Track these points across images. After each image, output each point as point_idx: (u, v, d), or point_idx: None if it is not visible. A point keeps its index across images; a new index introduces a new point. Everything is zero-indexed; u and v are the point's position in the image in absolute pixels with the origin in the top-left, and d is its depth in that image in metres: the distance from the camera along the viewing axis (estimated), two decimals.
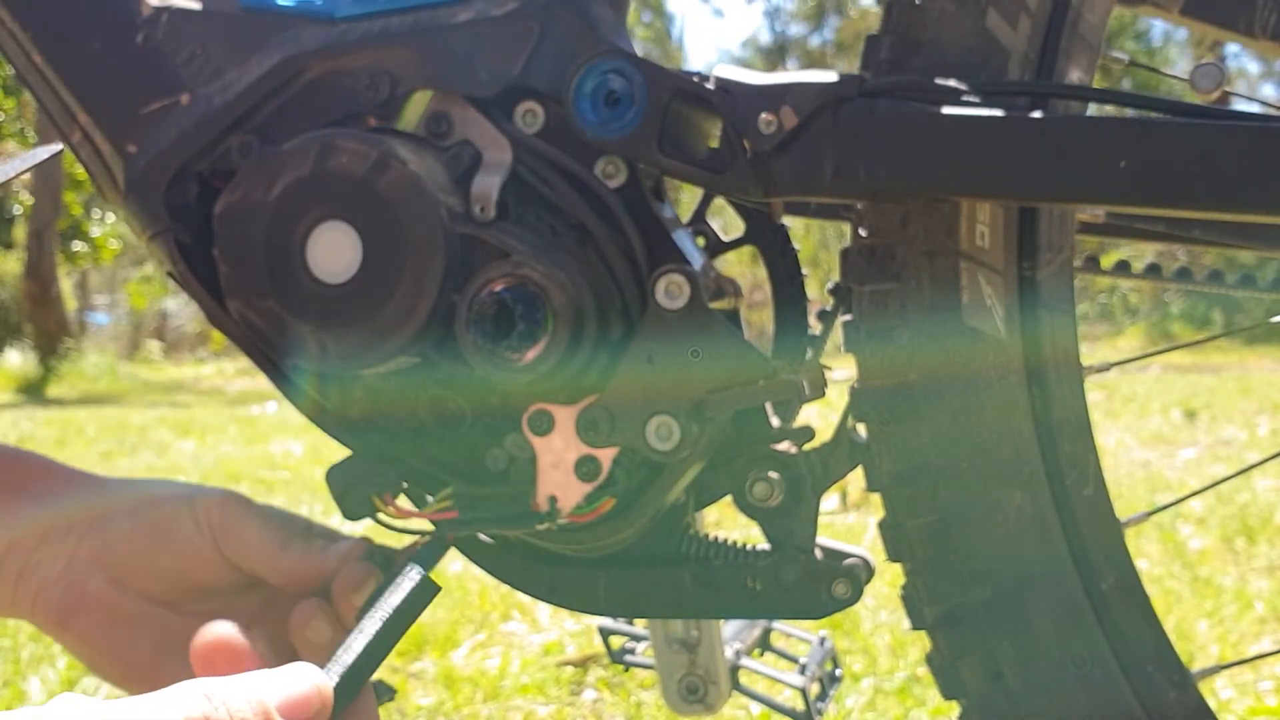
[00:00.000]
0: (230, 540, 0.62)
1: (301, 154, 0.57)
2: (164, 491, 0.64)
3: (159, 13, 0.63)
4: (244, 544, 0.62)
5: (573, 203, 0.59)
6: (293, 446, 4.18)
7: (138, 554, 0.62)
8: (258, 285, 0.58)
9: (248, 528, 0.62)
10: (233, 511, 0.62)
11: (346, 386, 0.62)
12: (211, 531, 0.62)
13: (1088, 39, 0.65)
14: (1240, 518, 2.42)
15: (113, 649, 0.62)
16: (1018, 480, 0.62)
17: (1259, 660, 1.54)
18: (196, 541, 0.61)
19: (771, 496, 0.61)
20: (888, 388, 0.61)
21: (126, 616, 0.62)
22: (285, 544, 0.62)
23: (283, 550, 0.61)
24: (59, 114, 0.65)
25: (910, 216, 0.61)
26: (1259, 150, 0.52)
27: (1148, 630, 0.64)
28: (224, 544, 0.62)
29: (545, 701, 1.50)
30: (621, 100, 0.58)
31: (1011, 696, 0.63)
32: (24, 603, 0.62)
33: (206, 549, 0.62)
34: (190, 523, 0.62)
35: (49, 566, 0.62)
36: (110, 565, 0.62)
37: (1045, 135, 0.54)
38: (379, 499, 0.60)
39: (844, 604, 0.61)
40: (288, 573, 0.62)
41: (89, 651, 0.62)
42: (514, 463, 0.60)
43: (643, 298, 0.58)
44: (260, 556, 0.62)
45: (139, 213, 0.63)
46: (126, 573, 0.62)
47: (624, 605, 0.64)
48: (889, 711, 1.41)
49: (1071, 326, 0.65)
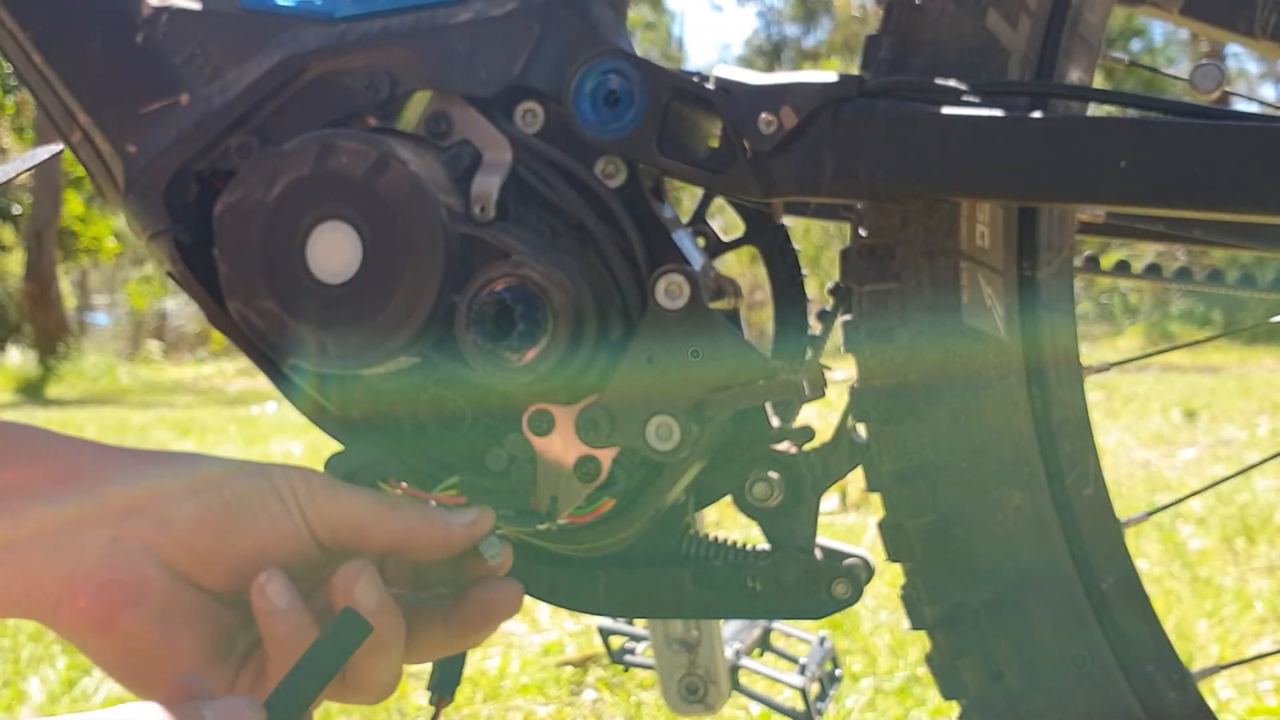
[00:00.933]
0: (325, 513, 0.55)
1: (301, 154, 0.57)
2: (226, 469, 0.55)
3: (159, 13, 0.63)
4: (343, 515, 0.55)
5: (573, 203, 0.59)
6: (293, 446, 4.18)
7: (208, 538, 0.53)
8: (257, 285, 0.58)
9: (342, 497, 0.55)
10: (320, 482, 0.56)
11: (346, 386, 0.62)
12: (300, 506, 0.54)
13: (1088, 39, 0.65)
14: (1240, 518, 2.42)
15: (168, 654, 0.53)
16: (1018, 480, 0.62)
17: (1259, 660, 1.53)
18: (283, 520, 0.54)
19: (771, 496, 0.61)
20: (888, 388, 0.61)
21: (185, 612, 0.53)
22: (394, 506, 0.56)
23: (392, 512, 0.56)
24: (59, 114, 0.65)
25: (910, 216, 0.61)
26: (1259, 150, 0.52)
27: (1148, 630, 0.64)
28: (315, 518, 0.55)
29: (545, 701, 1.50)
30: (621, 100, 0.58)
31: (1011, 696, 0.63)
32: (43, 600, 0.52)
33: (293, 527, 0.54)
34: (276, 500, 0.54)
35: (79, 555, 0.51)
36: (168, 551, 0.52)
37: (1045, 135, 0.54)
38: (385, 483, 0.60)
39: (844, 604, 0.61)
40: (403, 535, 0.55)
41: (127, 656, 0.53)
42: (514, 463, 0.60)
43: (643, 298, 0.58)
44: (366, 523, 0.55)
45: (139, 213, 0.63)
46: (190, 560, 0.53)
47: (624, 605, 0.64)
48: (889, 711, 1.41)
49: (1071, 326, 0.65)
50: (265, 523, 0.54)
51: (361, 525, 0.55)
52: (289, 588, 0.52)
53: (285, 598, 0.52)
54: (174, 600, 0.53)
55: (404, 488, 0.60)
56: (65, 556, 0.51)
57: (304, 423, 0.67)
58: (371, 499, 0.56)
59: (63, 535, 0.52)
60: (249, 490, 0.54)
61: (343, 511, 0.55)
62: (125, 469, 0.54)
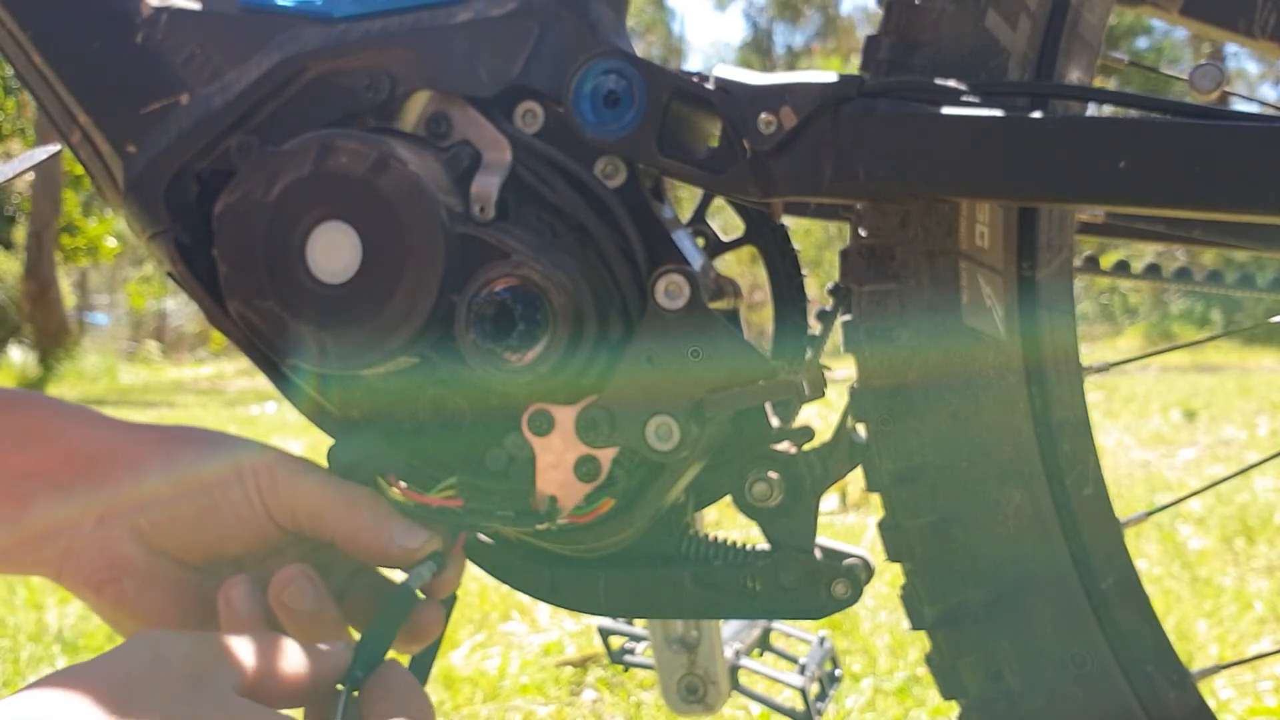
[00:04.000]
0: (284, 501, 0.60)
1: (301, 154, 0.57)
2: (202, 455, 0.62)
3: (159, 13, 0.63)
4: (300, 504, 0.60)
5: (572, 203, 0.59)
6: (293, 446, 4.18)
7: (180, 523, 0.61)
8: (257, 285, 0.58)
9: (303, 488, 0.60)
10: (285, 471, 0.61)
11: (346, 386, 0.62)
12: (261, 498, 0.61)
13: (1088, 39, 0.65)
14: (1240, 518, 2.42)
15: (147, 614, 0.61)
16: (1018, 480, 0.62)
17: (1258, 660, 1.54)
18: (244, 508, 0.60)
19: (771, 497, 0.61)
20: (888, 388, 0.61)
21: (162, 581, 0.61)
22: (350, 504, 0.60)
23: (346, 510, 0.60)
24: (59, 114, 0.65)
25: (910, 216, 0.61)
26: (1259, 150, 0.52)
27: (1147, 630, 0.64)
28: (275, 506, 0.61)
29: (545, 702, 1.50)
30: (621, 100, 0.58)
31: (1011, 696, 0.63)
32: (47, 567, 0.62)
33: (253, 513, 0.61)
34: (239, 488, 0.60)
35: (75, 533, 0.61)
36: (147, 533, 0.61)
37: (1045, 135, 0.54)
38: (384, 479, 0.60)
39: (844, 604, 0.61)
40: (348, 535, 0.60)
41: (121, 616, 0.62)
42: (513, 463, 0.60)
43: (642, 298, 0.58)
44: (319, 514, 0.60)
45: (139, 213, 0.63)
46: (166, 540, 0.61)
47: (624, 605, 0.64)
48: (888, 711, 1.42)
49: (1071, 326, 0.65)
50: (228, 510, 0.61)
51: (315, 516, 0.60)
52: (249, 595, 0.59)
53: (245, 604, 0.58)
54: (153, 572, 0.61)
55: (402, 487, 0.60)
56: (64, 534, 0.61)
57: (304, 423, 0.67)
58: (331, 492, 0.61)
59: (62, 517, 0.61)
60: (216, 480, 0.61)
61: (300, 501, 0.60)
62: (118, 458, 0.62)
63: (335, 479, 0.61)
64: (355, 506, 0.60)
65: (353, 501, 0.60)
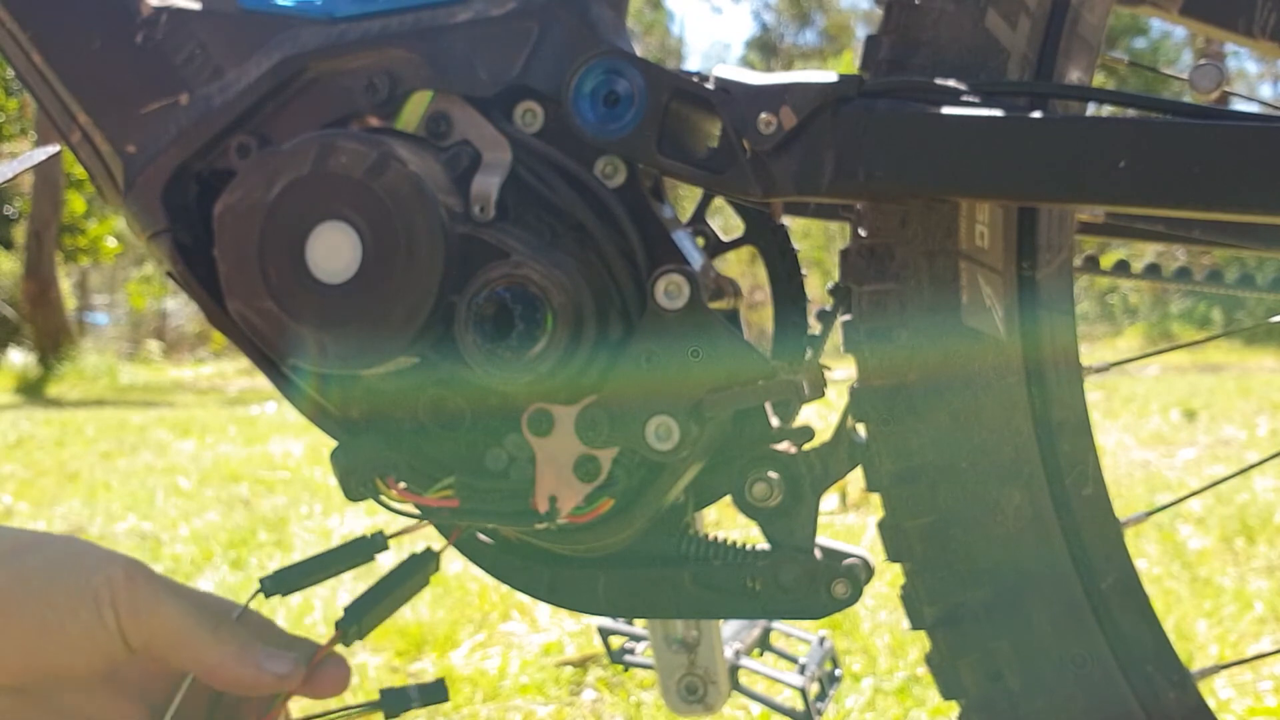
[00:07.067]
0: (143, 625, 0.56)
1: (301, 154, 0.57)
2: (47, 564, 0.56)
3: (159, 13, 0.63)
4: (160, 631, 0.56)
5: (572, 203, 0.59)
6: (292, 446, 4.18)
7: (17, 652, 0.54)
8: (257, 286, 0.58)
9: (164, 614, 0.56)
10: (146, 591, 0.56)
11: (346, 387, 0.62)
12: (117, 619, 0.55)
13: (1088, 39, 0.65)
14: (1240, 518, 2.42)
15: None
16: (1017, 480, 0.62)
17: (1258, 660, 1.54)
18: (95, 630, 0.55)
19: (771, 496, 0.61)
20: (887, 388, 0.61)
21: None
22: (214, 635, 0.57)
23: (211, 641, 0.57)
24: (59, 114, 0.65)
25: (910, 216, 0.61)
26: (1259, 150, 0.52)
27: (1147, 630, 0.64)
28: (131, 628, 0.56)
29: (545, 701, 1.50)
30: (621, 100, 0.58)
31: (1011, 696, 0.63)
32: None
33: (105, 635, 0.55)
34: (91, 609, 0.55)
35: None
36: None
37: (1045, 135, 0.54)
38: (382, 481, 0.60)
39: (843, 604, 0.61)
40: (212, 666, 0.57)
41: None
42: (513, 462, 0.60)
43: (642, 298, 0.58)
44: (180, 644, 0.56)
45: (139, 213, 0.63)
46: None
47: (623, 605, 0.64)
48: (888, 711, 1.42)
49: (1071, 326, 0.65)
50: (76, 632, 0.55)
51: (176, 645, 0.57)
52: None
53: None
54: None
55: (401, 487, 0.60)
56: None
57: (304, 423, 0.67)
58: (195, 620, 0.57)
59: None
60: (65, 600, 0.55)
61: (160, 626, 0.56)
62: None
63: (196, 604, 0.58)
64: (220, 637, 0.57)
65: (217, 631, 0.57)
